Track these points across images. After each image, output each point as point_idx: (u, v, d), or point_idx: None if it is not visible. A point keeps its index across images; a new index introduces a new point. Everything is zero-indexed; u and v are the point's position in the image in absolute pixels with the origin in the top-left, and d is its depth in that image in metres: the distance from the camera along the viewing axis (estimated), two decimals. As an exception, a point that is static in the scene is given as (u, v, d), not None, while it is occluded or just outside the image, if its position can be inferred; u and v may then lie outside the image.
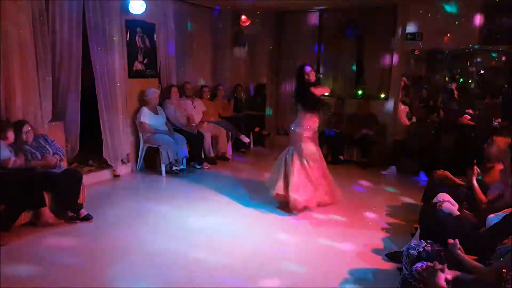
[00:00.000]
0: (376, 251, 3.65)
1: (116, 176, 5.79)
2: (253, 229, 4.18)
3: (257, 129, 7.97)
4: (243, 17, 7.78)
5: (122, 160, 5.91)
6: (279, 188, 4.56)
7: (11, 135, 4.01)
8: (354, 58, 7.64)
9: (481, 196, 3.31)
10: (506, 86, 7.49)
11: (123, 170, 5.88)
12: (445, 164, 5.51)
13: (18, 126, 4.14)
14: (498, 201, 3.03)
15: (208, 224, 4.27)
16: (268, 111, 8.30)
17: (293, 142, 4.70)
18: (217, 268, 3.32)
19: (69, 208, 4.13)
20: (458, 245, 2.44)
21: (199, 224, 4.26)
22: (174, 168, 5.94)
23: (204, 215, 4.49)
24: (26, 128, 4.14)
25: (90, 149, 5.84)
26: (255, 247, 3.76)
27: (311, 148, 4.67)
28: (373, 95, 7.41)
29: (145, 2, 5.69)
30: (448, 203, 3.13)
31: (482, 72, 8.10)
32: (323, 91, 4.72)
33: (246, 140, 7.27)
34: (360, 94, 7.59)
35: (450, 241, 2.48)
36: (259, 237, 4.00)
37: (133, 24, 5.87)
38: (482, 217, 2.97)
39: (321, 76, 4.36)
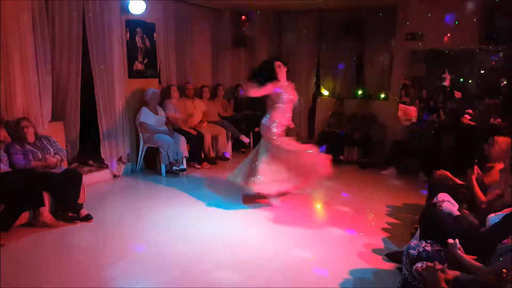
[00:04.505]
0: (376, 251, 3.65)
1: (116, 176, 5.80)
2: (252, 230, 4.18)
3: (257, 129, 7.91)
4: (243, 17, 7.78)
5: (122, 160, 5.92)
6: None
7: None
8: (354, 58, 7.64)
9: (481, 196, 3.31)
10: (506, 86, 7.49)
11: (121, 170, 5.88)
12: (445, 164, 5.53)
13: (17, 123, 4.15)
14: (498, 201, 3.03)
15: (208, 224, 4.27)
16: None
17: (263, 136, 4.90)
18: (217, 268, 3.32)
19: (69, 208, 4.14)
20: (458, 245, 2.44)
21: (198, 224, 4.26)
22: (174, 168, 5.94)
23: (203, 216, 4.49)
24: (24, 123, 4.15)
25: (90, 149, 5.84)
26: (255, 248, 3.75)
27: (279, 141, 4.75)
28: (373, 95, 7.41)
29: (145, 2, 5.69)
30: (448, 203, 3.13)
31: (482, 72, 8.10)
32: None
33: (246, 140, 7.27)
34: (360, 94, 7.59)
35: (450, 241, 2.48)
36: (258, 237, 4.00)
37: (133, 24, 5.86)
38: (482, 217, 2.97)
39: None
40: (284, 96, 4.73)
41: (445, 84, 7.88)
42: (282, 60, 4.83)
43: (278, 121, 4.75)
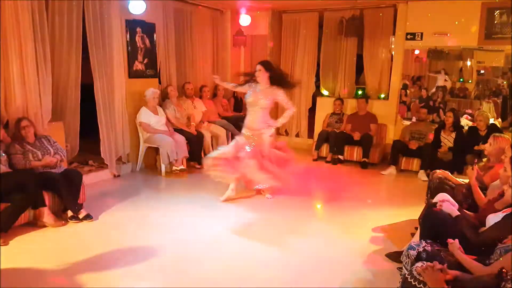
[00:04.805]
0: (376, 251, 3.65)
1: (116, 176, 5.80)
2: (252, 229, 4.18)
3: (257, 129, 7.96)
4: (243, 17, 7.78)
5: (122, 160, 5.91)
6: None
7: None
8: (354, 57, 7.64)
9: (481, 196, 3.31)
10: (506, 86, 7.50)
11: (120, 170, 5.88)
12: (445, 164, 5.52)
13: (16, 123, 4.15)
14: (498, 201, 3.03)
15: (208, 224, 4.27)
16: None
17: None
18: (217, 268, 3.33)
19: (69, 208, 4.14)
20: (458, 245, 2.44)
21: (198, 224, 4.26)
22: (174, 168, 5.94)
23: (203, 216, 4.49)
24: (24, 123, 4.15)
25: (90, 149, 5.84)
26: (254, 247, 3.76)
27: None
28: (373, 95, 7.41)
29: (145, 2, 5.69)
30: (448, 203, 3.12)
31: (482, 72, 8.11)
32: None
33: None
34: (360, 94, 7.59)
35: (450, 241, 2.48)
36: (258, 237, 3.99)
37: (133, 24, 5.87)
38: (482, 217, 2.97)
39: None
40: (245, 99, 4.90)
41: (440, 84, 7.89)
42: (265, 64, 4.79)
43: (246, 123, 4.92)
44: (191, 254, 3.57)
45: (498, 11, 6.08)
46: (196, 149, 6.35)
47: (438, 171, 4.05)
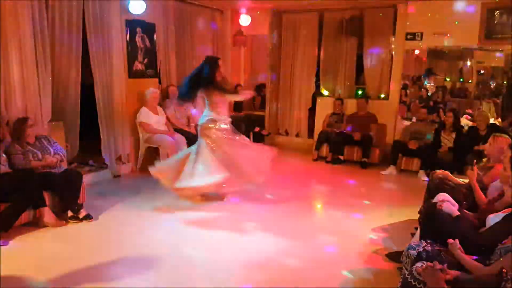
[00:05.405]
0: (376, 251, 3.65)
1: (116, 176, 5.79)
2: (252, 230, 4.18)
3: (257, 129, 7.97)
4: (243, 17, 7.78)
5: (122, 160, 5.91)
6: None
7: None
8: (354, 57, 7.64)
9: (481, 196, 3.31)
10: (506, 86, 7.50)
11: (120, 170, 5.88)
12: (445, 164, 5.52)
13: (21, 122, 4.15)
14: (498, 201, 3.03)
15: (208, 224, 4.27)
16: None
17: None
18: (217, 268, 3.32)
19: (69, 208, 4.13)
20: (458, 245, 2.44)
21: (199, 224, 4.26)
22: (174, 168, 5.92)
23: (203, 216, 4.49)
24: (30, 122, 4.16)
25: (90, 149, 5.84)
26: (255, 247, 3.76)
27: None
28: (373, 95, 7.41)
29: (145, 2, 5.69)
30: (448, 203, 3.12)
31: (482, 72, 8.11)
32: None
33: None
34: (360, 94, 7.59)
35: (450, 241, 2.48)
36: (259, 237, 4.00)
37: (133, 24, 5.86)
38: (482, 217, 2.97)
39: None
40: None
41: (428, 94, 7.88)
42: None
43: None
44: (192, 254, 3.57)
45: (498, 11, 6.07)
46: (196, 149, 6.34)
47: (438, 171, 4.04)
